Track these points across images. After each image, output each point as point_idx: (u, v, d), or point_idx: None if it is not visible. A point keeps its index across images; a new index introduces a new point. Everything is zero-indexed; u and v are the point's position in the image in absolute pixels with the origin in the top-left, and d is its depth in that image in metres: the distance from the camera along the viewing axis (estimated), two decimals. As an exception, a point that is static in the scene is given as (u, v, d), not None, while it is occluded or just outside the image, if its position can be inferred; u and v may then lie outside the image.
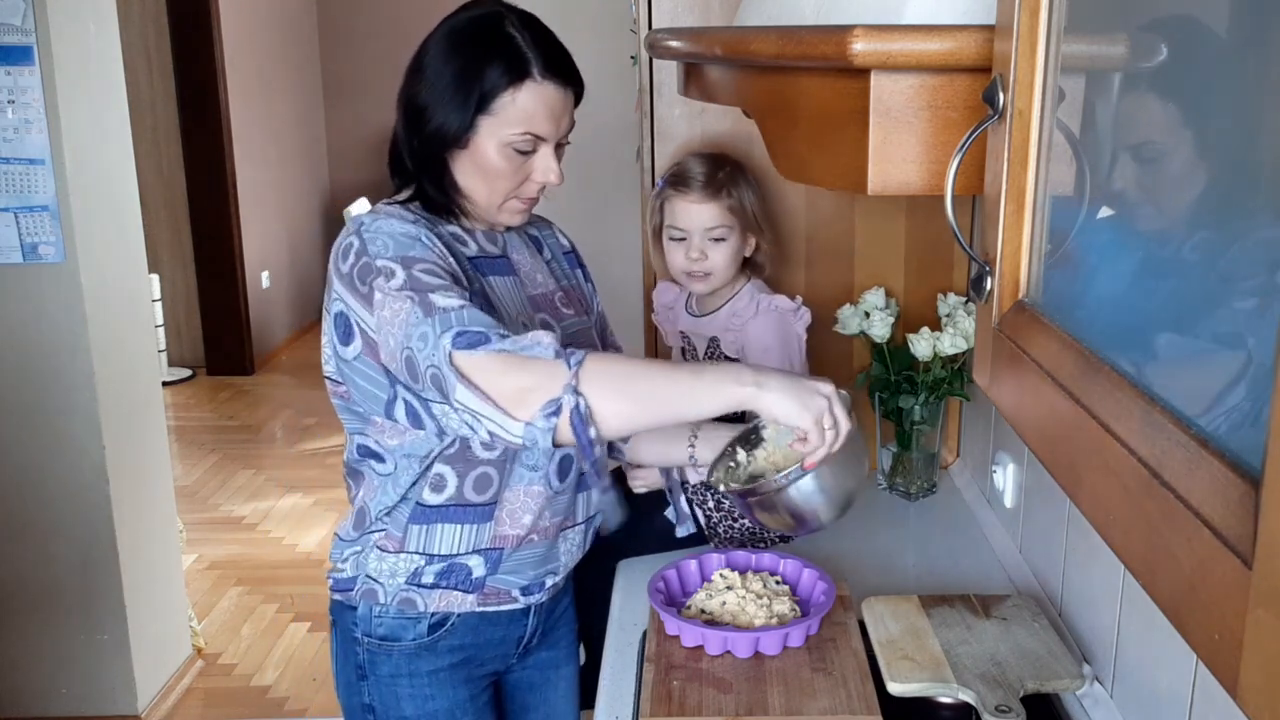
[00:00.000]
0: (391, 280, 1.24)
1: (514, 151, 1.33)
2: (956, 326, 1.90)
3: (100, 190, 2.72)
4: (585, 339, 1.47)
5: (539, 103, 1.32)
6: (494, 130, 1.32)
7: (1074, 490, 0.67)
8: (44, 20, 2.49)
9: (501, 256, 1.44)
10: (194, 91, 5.44)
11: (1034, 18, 0.74)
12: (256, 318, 5.88)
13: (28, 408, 2.68)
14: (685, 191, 1.79)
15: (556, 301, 1.47)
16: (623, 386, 1.19)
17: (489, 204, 1.37)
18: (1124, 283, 0.68)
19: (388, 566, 1.40)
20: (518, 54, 1.31)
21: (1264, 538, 0.45)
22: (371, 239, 1.28)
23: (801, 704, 1.30)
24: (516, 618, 1.49)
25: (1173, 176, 0.62)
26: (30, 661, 2.83)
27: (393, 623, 1.42)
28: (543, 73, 1.32)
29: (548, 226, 1.58)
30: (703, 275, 1.81)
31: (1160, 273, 0.63)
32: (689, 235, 1.80)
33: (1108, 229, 0.70)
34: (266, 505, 4.25)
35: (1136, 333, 0.64)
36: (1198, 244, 0.59)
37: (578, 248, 1.61)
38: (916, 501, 2.03)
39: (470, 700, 1.48)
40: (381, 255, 1.26)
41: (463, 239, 1.39)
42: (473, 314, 1.20)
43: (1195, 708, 1.09)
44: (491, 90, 1.30)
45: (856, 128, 0.90)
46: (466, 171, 1.35)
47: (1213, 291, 0.56)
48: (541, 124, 1.33)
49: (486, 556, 1.41)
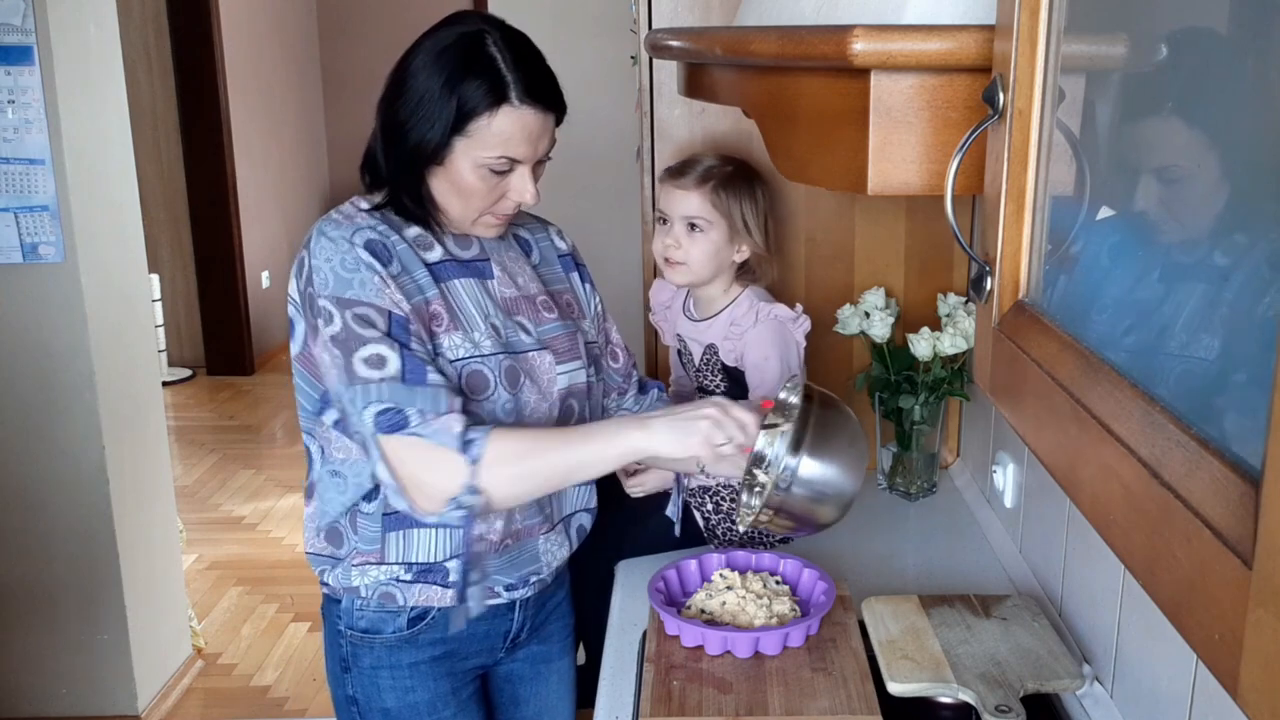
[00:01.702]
0: (329, 326, 1.29)
1: (489, 172, 1.33)
2: (956, 326, 1.90)
3: (100, 190, 2.72)
4: (566, 343, 1.46)
5: (516, 127, 1.31)
6: (469, 151, 1.32)
7: (1074, 490, 0.67)
8: (44, 20, 2.49)
9: (478, 259, 1.43)
10: (194, 91, 5.44)
11: (1034, 18, 0.74)
12: (256, 318, 5.88)
13: (28, 408, 2.68)
14: (677, 178, 1.80)
15: (538, 305, 1.46)
16: (521, 467, 1.30)
17: (463, 218, 1.38)
18: (1123, 282, 0.68)
19: (370, 579, 1.42)
20: (497, 77, 1.30)
21: (1264, 538, 0.45)
22: (317, 267, 1.31)
23: (801, 704, 1.30)
24: (501, 613, 1.49)
25: (1173, 177, 0.62)
26: (30, 661, 2.83)
27: (373, 616, 1.44)
28: (521, 97, 1.30)
29: (543, 229, 1.57)
30: (678, 265, 1.80)
31: (1159, 272, 0.63)
32: (669, 220, 1.80)
33: (1107, 229, 0.70)
34: (266, 505, 4.25)
35: (1136, 333, 0.64)
36: (1198, 244, 0.59)
37: (578, 250, 1.60)
38: (916, 501, 2.03)
39: (453, 693, 1.49)
40: (322, 292, 1.30)
41: (428, 242, 1.39)
42: (393, 389, 1.27)
43: (1195, 708, 1.09)
44: (469, 113, 1.30)
45: (856, 128, 0.90)
46: (442, 188, 1.36)
47: (1213, 291, 0.56)
48: (517, 147, 1.33)
49: (464, 560, 1.41)
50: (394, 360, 1.27)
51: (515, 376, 1.39)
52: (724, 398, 1.36)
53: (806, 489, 1.30)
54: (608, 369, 1.59)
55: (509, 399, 1.38)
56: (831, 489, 1.32)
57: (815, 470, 1.30)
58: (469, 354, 1.36)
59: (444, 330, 1.35)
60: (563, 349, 1.46)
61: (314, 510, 1.45)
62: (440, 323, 1.35)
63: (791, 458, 1.29)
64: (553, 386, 1.43)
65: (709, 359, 1.86)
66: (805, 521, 1.34)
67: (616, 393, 1.61)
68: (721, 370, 1.85)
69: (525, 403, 1.40)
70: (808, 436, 1.30)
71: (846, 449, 1.30)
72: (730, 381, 1.85)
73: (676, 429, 1.30)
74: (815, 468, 1.30)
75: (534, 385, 1.41)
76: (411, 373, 1.27)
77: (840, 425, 1.35)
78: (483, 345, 1.37)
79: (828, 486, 1.31)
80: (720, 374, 1.85)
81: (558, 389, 1.44)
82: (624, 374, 1.61)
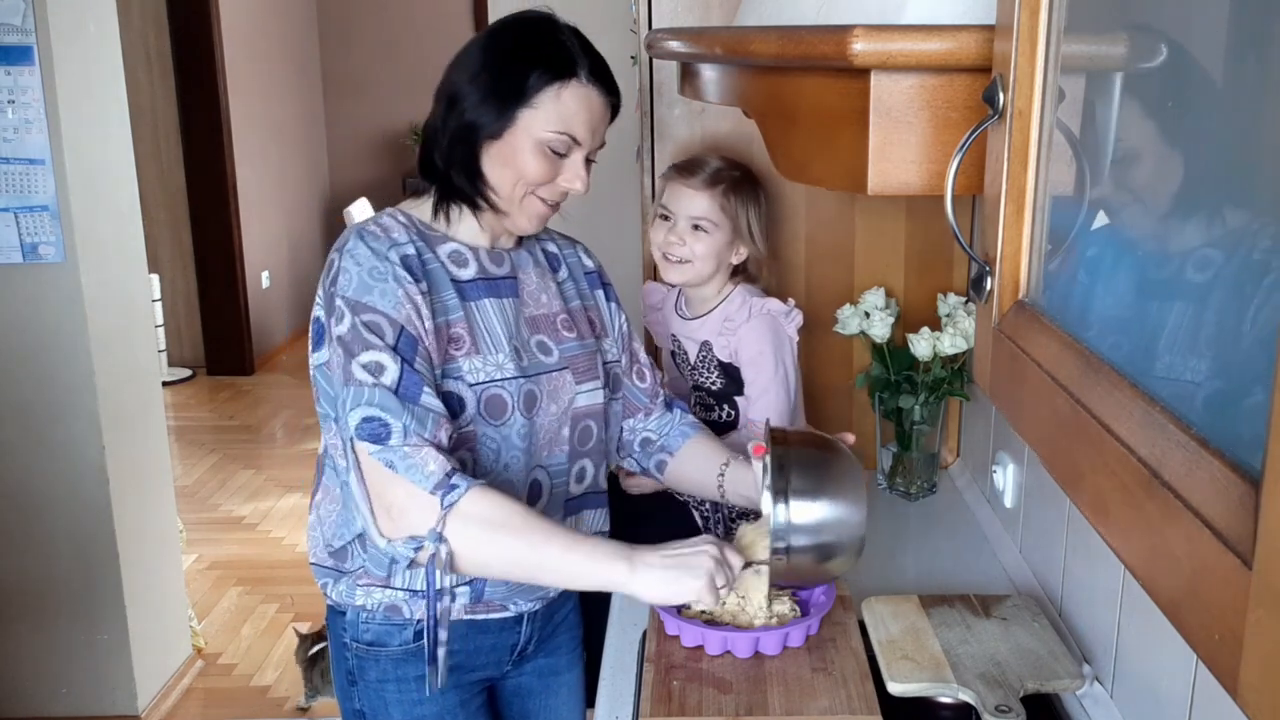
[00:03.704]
0: (339, 325, 1.28)
1: (548, 150, 1.33)
2: (956, 326, 1.90)
3: (100, 190, 2.72)
4: (584, 363, 1.45)
5: (581, 105, 1.32)
6: (532, 125, 1.32)
7: (1074, 490, 0.67)
8: (44, 20, 2.49)
9: (507, 277, 1.42)
10: (194, 91, 5.44)
11: (1034, 18, 0.74)
12: (256, 318, 5.88)
13: (28, 408, 2.68)
14: (687, 176, 1.80)
15: (558, 324, 1.45)
16: (492, 535, 1.25)
17: (511, 197, 1.36)
18: (1123, 282, 0.68)
19: (374, 600, 1.41)
20: (567, 53, 1.32)
21: (1264, 538, 0.45)
22: (344, 268, 1.30)
23: (801, 704, 1.30)
24: (509, 625, 1.47)
25: (1173, 177, 0.62)
26: (30, 661, 2.83)
27: (379, 629, 1.42)
28: (589, 76, 1.33)
29: (571, 246, 1.56)
30: (678, 262, 1.80)
31: (1160, 272, 0.63)
32: (674, 218, 1.80)
33: (1107, 229, 0.70)
34: (266, 505, 4.25)
35: (1136, 332, 0.64)
36: (1198, 243, 0.59)
37: (604, 269, 1.58)
38: (916, 501, 2.03)
39: (460, 706, 1.47)
40: (342, 292, 1.29)
41: (463, 258, 1.38)
42: (383, 396, 1.24)
43: (1195, 708, 1.09)
44: (537, 83, 1.31)
45: (856, 128, 0.90)
46: (496, 163, 1.34)
47: (1213, 291, 0.56)
48: (580, 127, 1.33)
49: (472, 586, 1.40)
50: (392, 370, 1.26)
51: (533, 401, 1.38)
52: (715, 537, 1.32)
53: (804, 553, 1.29)
54: (633, 388, 1.56)
55: (524, 424, 1.37)
56: (831, 527, 1.29)
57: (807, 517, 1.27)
58: (489, 377, 1.34)
59: (464, 354, 1.33)
60: (582, 369, 1.44)
61: (323, 519, 1.42)
62: (461, 345, 1.34)
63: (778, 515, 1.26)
64: (571, 406, 1.42)
65: (705, 356, 1.86)
66: (820, 576, 1.35)
67: (643, 412, 1.57)
68: (718, 367, 1.85)
69: (540, 426, 1.39)
70: (786, 495, 1.27)
71: (832, 487, 1.28)
72: (726, 378, 1.85)
73: (670, 577, 1.24)
74: (806, 515, 1.27)
75: (554, 406, 1.40)
76: (406, 388, 1.26)
77: (817, 464, 1.32)
78: (505, 368, 1.36)
79: (827, 526, 1.29)
80: (716, 370, 1.85)
81: (574, 408, 1.43)
82: (650, 394, 1.58)
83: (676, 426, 1.59)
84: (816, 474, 1.30)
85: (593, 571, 1.26)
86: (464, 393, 1.33)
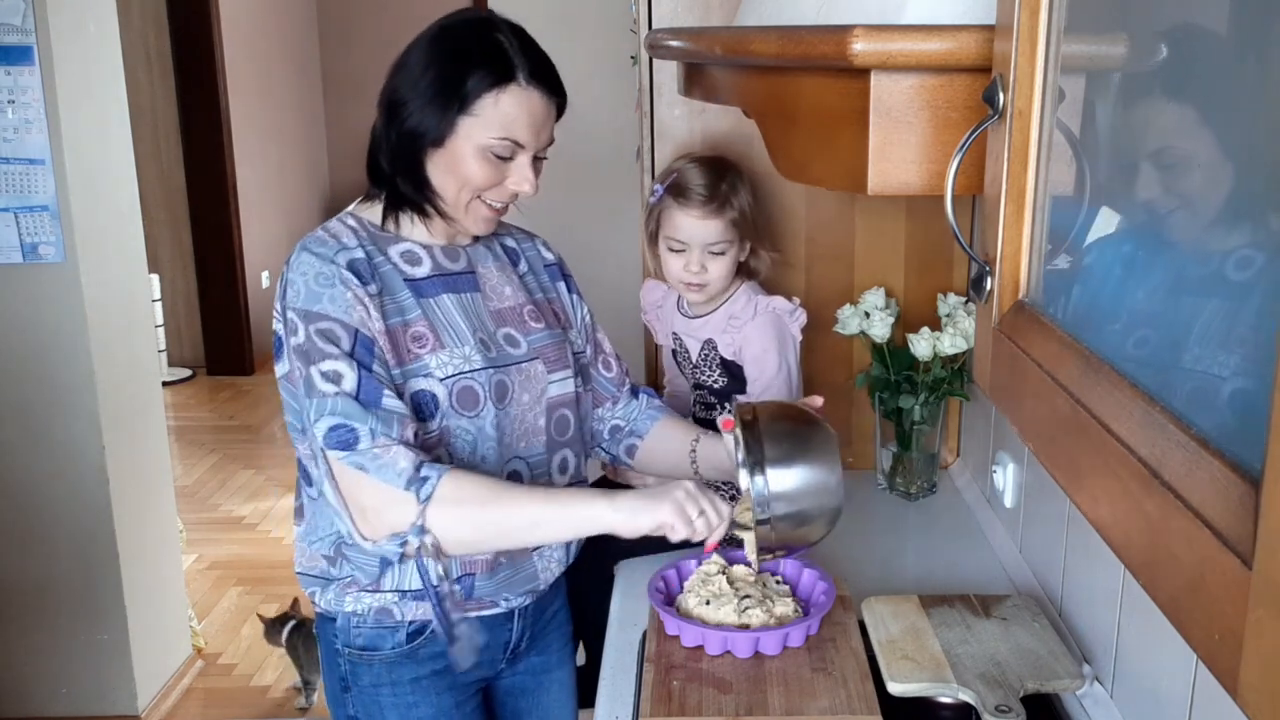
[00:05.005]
0: (294, 337, 1.29)
1: (491, 156, 1.33)
2: (956, 326, 1.90)
3: (100, 190, 2.72)
4: (554, 352, 1.46)
5: (521, 109, 1.31)
6: (472, 132, 1.31)
7: (1074, 490, 0.67)
8: (44, 20, 2.49)
9: (465, 272, 1.42)
10: (194, 91, 5.44)
11: (1034, 18, 0.74)
12: (256, 318, 5.88)
13: (28, 408, 2.68)
14: (687, 205, 1.75)
15: (525, 315, 1.46)
16: (472, 512, 1.27)
17: (457, 202, 1.36)
18: (1123, 282, 0.68)
19: (364, 605, 1.41)
20: (504, 57, 1.30)
21: (1264, 538, 0.45)
22: (291, 280, 1.31)
23: (801, 704, 1.30)
24: (500, 623, 1.48)
25: (1172, 177, 0.62)
26: (30, 661, 2.83)
27: (371, 633, 1.42)
28: (528, 79, 1.31)
29: (529, 239, 1.56)
30: (699, 286, 1.80)
31: (1159, 272, 0.63)
32: (689, 248, 1.77)
33: (1107, 229, 0.70)
34: (266, 505, 4.25)
35: (1136, 332, 0.64)
36: (1198, 244, 0.59)
37: (565, 261, 1.59)
38: (916, 501, 2.03)
39: (456, 707, 1.47)
40: (292, 304, 1.30)
41: (416, 257, 1.39)
42: (345, 404, 1.25)
43: (1195, 708, 1.09)
44: (474, 90, 1.30)
45: (856, 128, 0.90)
46: (440, 170, 1.34)
47: (1213, 290, 0.56)
48: (522, 131, 1.32)
49: (461, 583, 1.40)
50: (350, 377, 1.26)
51: (504, 391, 1.38)
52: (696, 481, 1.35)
53: (787, 504, 1.31)
54: (600, 378, 1.58)
55: (497, 414, 1.37)
56: (811, 490, 1.32)
57: (785, 484, 1.31)
58: (458, 370, 1.35)
59: (429, 350, 1.34)
60: (552, 358, 1.45)
61: (306, 530, 1.43)
62: (425, 343, 1.34)
63: (757, 486, 1.30)
64: (544, 396, 1.43)
65: (707, 354, 1.86)
66: (802, 539, 1.36)
67: (610, 401, 1.60)
68: (720, 365, 1.85)
69: (515, 416, 1.40)
70: (764, 458, 1.30)
71: (805, 449, 1.30)
72: (729, 376, 1.85)
73: (640, 504, 1.27)
74: (784, 482, 1.30)
75: (526, 396, 1.41)
76: (367, 393, 1.26)
77: (790, 433, 1.35)
78: (472, 359, 1.36)
79: (806, 489, 1.32)
80: (719, 369, 1.85)
81: (547, 398, 1.43)
82: (617, 383, 1.60)
83: (644, 411, 1.61)
84: (788, 440, 1.33)
85: (575, 514, 1.29)
86: (435, 388, 1.33)
